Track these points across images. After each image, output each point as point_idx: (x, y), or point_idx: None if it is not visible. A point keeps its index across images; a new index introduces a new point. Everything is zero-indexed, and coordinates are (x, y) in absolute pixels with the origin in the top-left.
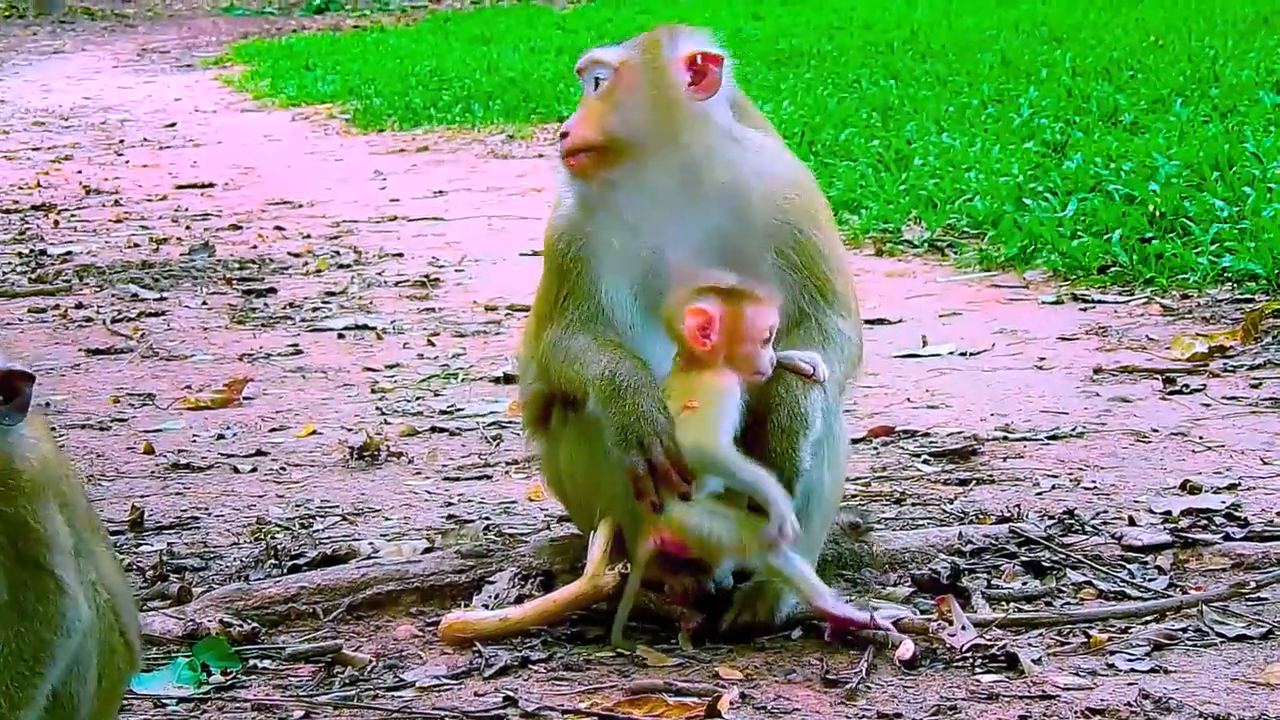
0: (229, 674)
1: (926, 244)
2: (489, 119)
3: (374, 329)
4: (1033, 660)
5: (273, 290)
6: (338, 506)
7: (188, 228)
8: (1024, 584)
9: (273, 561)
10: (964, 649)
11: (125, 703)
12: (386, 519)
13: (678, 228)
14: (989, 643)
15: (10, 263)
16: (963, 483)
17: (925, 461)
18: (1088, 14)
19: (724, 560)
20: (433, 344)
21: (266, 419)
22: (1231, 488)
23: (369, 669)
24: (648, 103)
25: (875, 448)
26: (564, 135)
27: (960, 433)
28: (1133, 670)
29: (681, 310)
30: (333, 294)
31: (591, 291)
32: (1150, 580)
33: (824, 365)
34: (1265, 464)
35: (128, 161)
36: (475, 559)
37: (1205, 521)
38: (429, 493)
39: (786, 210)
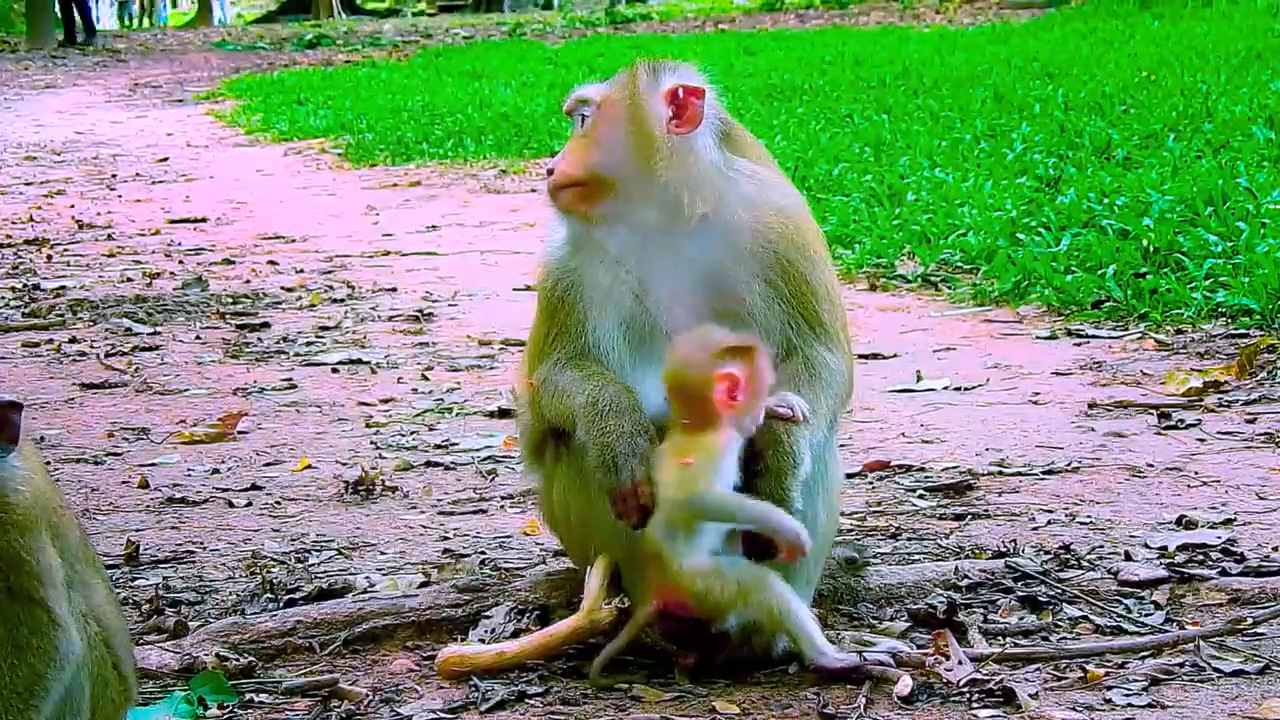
0: (225, 708)
1: (920, 279)
2: (481, 154)
3: (368, 363)
4: (1029, 695)
5: (266, 325)
6: (333, 541)
7: (180, 262)
8: (1020, 619)
9: (269, 595)
10: (961, 684)
11: None
12: (382, 553)
13: (665, 262)
14: (986, 678)
15: (3, 297)
16: (958, 518)
17: (921, 496)
18: (1080, 50)
19: (728, 618)
20: (427, 378)
21: (261, 453)
22: (1227, 523)
23: (365, 703)
24: (628, 138)
25: (871, 482)
26: (550, 172)
27: (955, 468)
28: (1129, 705)
29: (705, 375)
30: (326, 328)
31: (579, 329)
32: (1146, 615)
33: (803, 404)
34: (1261, 499)
35: (120, 196)
36: (471, 593)
37: (1201, 557)
38: (424, 527)
39: (774, 240)
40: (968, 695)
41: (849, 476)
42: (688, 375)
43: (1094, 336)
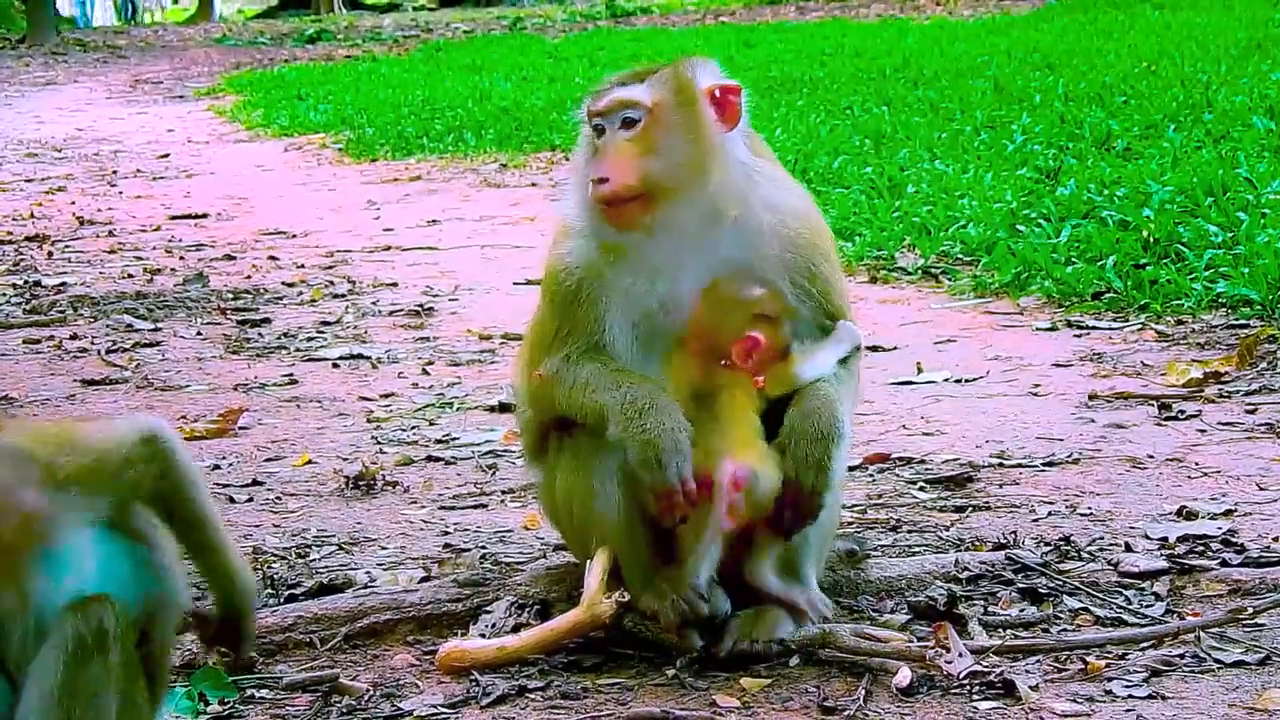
0: (226, 704)
1: (920, 271)
2: (481, 148)
3: (369, 358)
4: (1030, 687)
5: (267, 320)
6: (334, 536)
7: (181, 258)
8: (1021, 611)
9: (269, 591)
10: (961, 676)
11: None
12: (383, 548)
13: (690, 264)
14: (986, 670)
15: (4, 294)
16: (959, 510)
17: (921, 488)
18: (1080, 40)
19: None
20: (427, 373)
21: (262, 449)
22: (1228, 514)
23: (366, 698)
24: (685, 142)
25: (871, 475)
26: (600, 181)
27: (956, 460)
28: (1130, 697)
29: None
30: (327, 324)
31: (595, 326)
32: (1147, 606)
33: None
34: (1261, 489)
35: (121, 192)
36: (472, 588)
37: (1202, 547)
38: (425, 522)
39: (800, 246)
40: (968, 687)
41: (850, 469)
42: (707, 319)
43: (1094, 328)
